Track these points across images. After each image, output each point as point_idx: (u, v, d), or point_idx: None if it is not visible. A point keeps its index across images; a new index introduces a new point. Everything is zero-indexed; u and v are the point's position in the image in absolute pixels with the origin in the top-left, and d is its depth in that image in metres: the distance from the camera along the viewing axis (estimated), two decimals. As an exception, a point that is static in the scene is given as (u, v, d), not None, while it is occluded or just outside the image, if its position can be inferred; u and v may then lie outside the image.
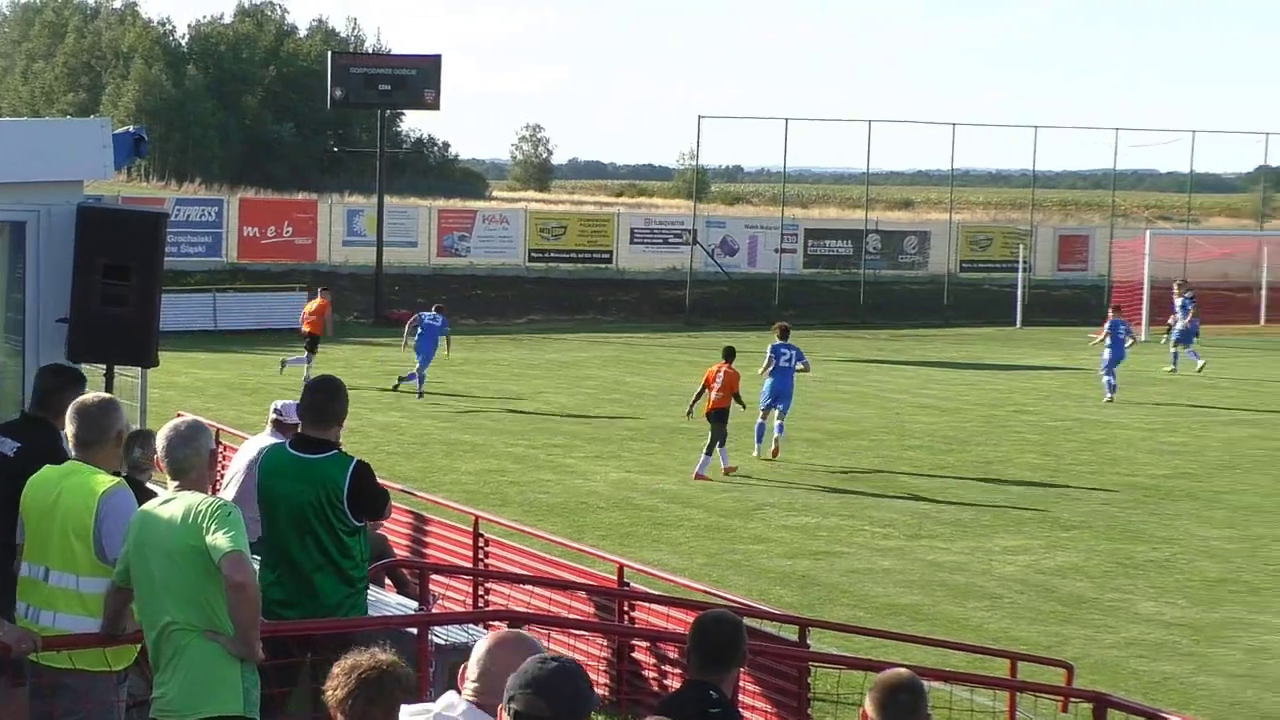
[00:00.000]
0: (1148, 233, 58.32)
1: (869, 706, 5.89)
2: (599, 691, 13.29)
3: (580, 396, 34.72)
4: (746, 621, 12.16)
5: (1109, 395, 35.21)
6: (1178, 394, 37.37)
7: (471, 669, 5.36)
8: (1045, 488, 24.91)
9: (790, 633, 13.03)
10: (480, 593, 15.08)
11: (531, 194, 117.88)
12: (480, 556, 15.90)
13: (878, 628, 15.88)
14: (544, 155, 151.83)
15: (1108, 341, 35.75)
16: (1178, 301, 43.74)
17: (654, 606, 13.58)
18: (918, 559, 20.01)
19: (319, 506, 9.22)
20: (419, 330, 34.49)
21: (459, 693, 5.37)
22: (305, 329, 36.50)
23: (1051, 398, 36.21)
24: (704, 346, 47.00)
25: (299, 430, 9.79)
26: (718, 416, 25.73)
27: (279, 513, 9.36)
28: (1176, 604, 18.07)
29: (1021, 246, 60.84)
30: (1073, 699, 12.42)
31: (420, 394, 33.47)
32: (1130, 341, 36.88)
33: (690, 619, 13.00)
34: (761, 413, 27.25)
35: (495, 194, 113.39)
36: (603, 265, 60.51)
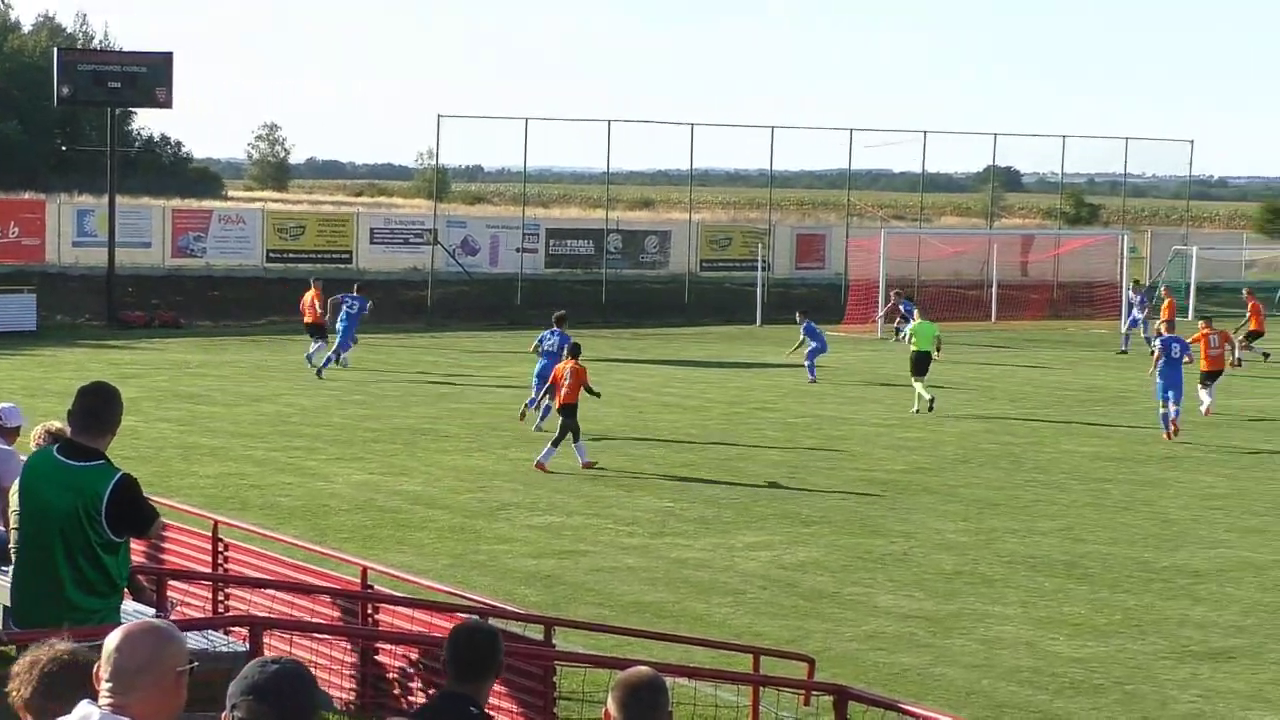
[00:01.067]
0: (883, 232, 59.42)
1: (611, 705, 5.86)
2: (343, 695, 13.13)
3: (321, 398, 34.29)
4: (492, 622, 12.11)
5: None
6: (911, 390, 38.06)
7: (104, 669, 5.10)
8: (786, 484, 25.20)
9: (535, 632, 12.98)
10: (220, 598, 14.77)
11: (269, 194, 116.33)
12: (220, 561, 15.59)
13: (623, 625, 15.91)
14: (281, 155, 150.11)
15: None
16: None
17: (398, 609, 13.43)
18: (662, 556, 20.10)
19: (76, 516, 8.92)
20: (343, 313, 39.13)
21: (94, 699, 5.12)
22: (306, 320, 40.22)
23: (791, 394, 36.68)
24: (446, 347, 46.84)
25: (68, 435, 9.46)
26: (566, 411, 26.53)
27: (37, 518, 9.06)
28: (914, 596, 18.39)
29: (760, 245, 61.60)
30: (814, 692, 12.54)
31: (322, 371, 37.90)
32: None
33: (435, 620, 12.94)
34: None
35: (231, 194, 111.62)
36: (343, 265, 59.88)
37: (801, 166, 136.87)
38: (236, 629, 11.15)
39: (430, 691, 12.72)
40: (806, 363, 39.78)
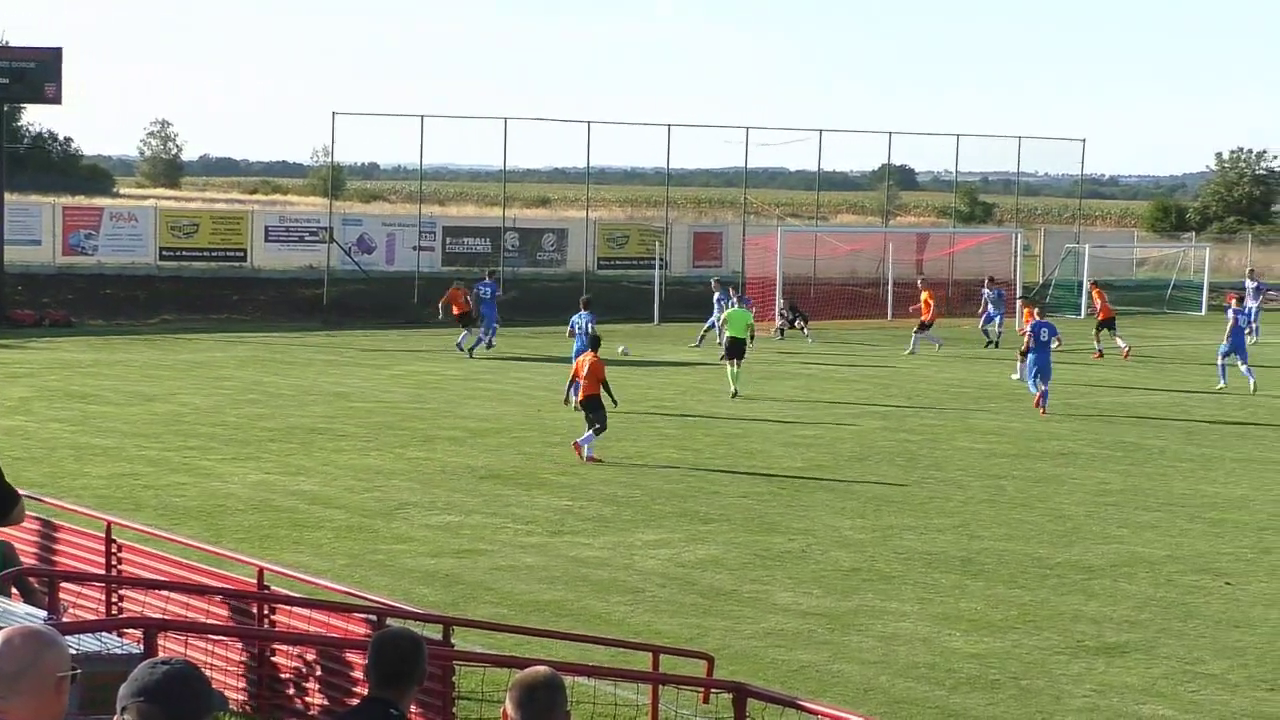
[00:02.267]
0: (779, 230, 59.60)
1: (508, 705, 5.87)
2: (238, 697, 13.01)
3: (216, 397, 33.99)
4: (389, 622, 12.03)
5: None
6: (810, 387, 38.30)
7: None
8: (684, 482, 25.24)
9: (434, 632, 12.90)
10: (114, 600, 14.59)
11: (162, 191, 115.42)
12: (113, 563, 15.40)
13: (521, 624, 15.87)
14: (174, 152, 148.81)
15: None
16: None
17: (294, 609, 13.31)
18: (560, 555, 20.06)
19: None
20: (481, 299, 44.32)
21: None
22: (455, 312, 45.45)
23: (689, 392, 36.74)
24: (343, 346, 46.57)
25: None
26: (588, 404, 27.26)
27: None
28: (812, 594, 18.45)
29: (657, 244, 61.71)
30: (713, 690, 12.56)
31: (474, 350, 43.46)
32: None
33: (332, 621, 12.85)
34: None
35: (123, 191, 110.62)
36: (237, 264, 59.48)
37: (698, 165, 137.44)
38: (130, 631, 11.01)
39: (328, 692, 12.64)
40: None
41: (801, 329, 51.30)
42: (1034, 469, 27.11)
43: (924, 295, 48.69)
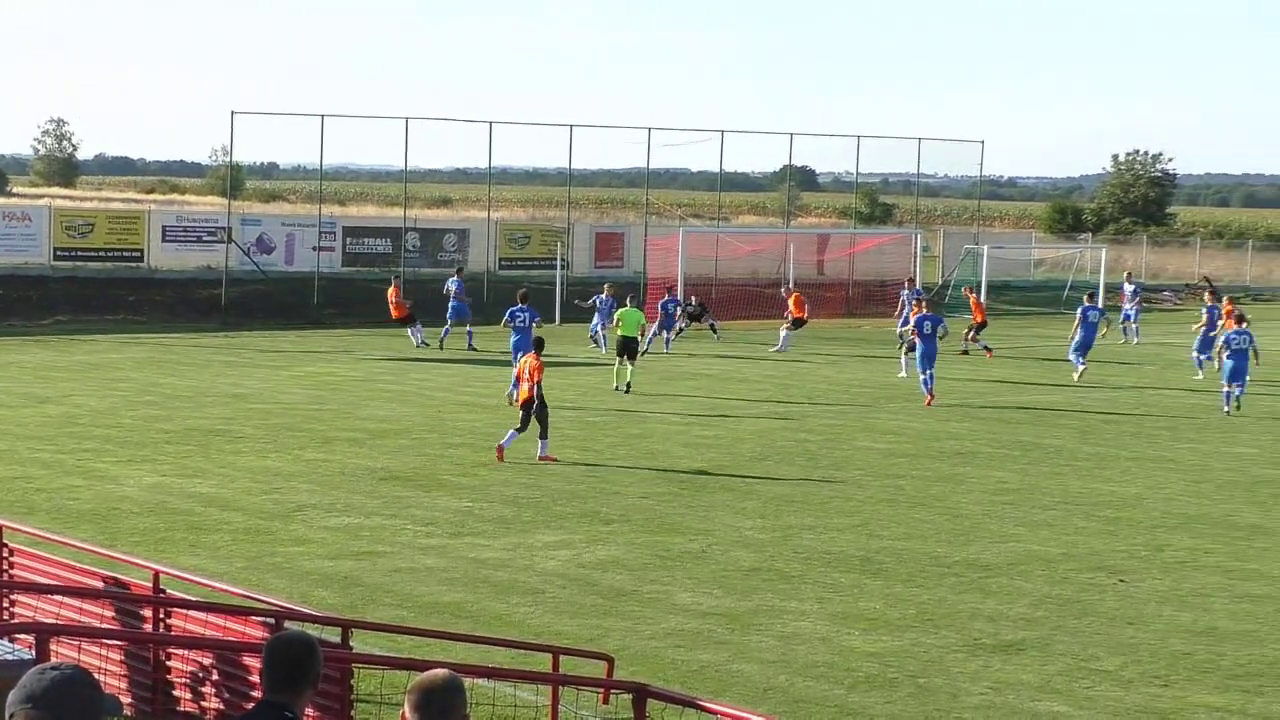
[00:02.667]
0: (681, 230, 59.69)
1: (406, 709, 5.85)
2: (133, 702, 12.87)
3: (112, 399, 33.65)
4: (287, 624, 11.96)
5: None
6: (712, 388, 38.38)
7: None
8: (585, 483, 25.23)
9: (332, 634, 12.82)
10: (5, 605, 14.40)
11: (56, 191, 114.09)
12: (4, 567, 15.21)
13: (421, 626, 15.80)
14: (69, 151, 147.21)
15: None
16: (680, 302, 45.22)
17: (191, 613, 13.19)
18: (461, 556, 20.00)
19: None
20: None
21: None
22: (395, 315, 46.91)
23: (590, 393, 36.72)
24: (241, 347, 46.22)
25: None
26: (526, 407, 27.35)
27: None
28: (713, 594, 18.48)
29: (559, 244, 61.62)
30: (613, 690, 12.55)
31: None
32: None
33: (230, 624, 12.74)
34: None
35: (16, 190, 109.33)
36: (134, 264, 58.87)
37: (600, 165, 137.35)
38: (22, 636, 10.88)
39: (225, 696, 12.53)
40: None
41: (711, 325, 51.52)
42: (932, 468, 27.29)
43: (791, 299, 49.46)
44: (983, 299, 51.40)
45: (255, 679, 11.72)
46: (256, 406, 33.02)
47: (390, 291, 48.09)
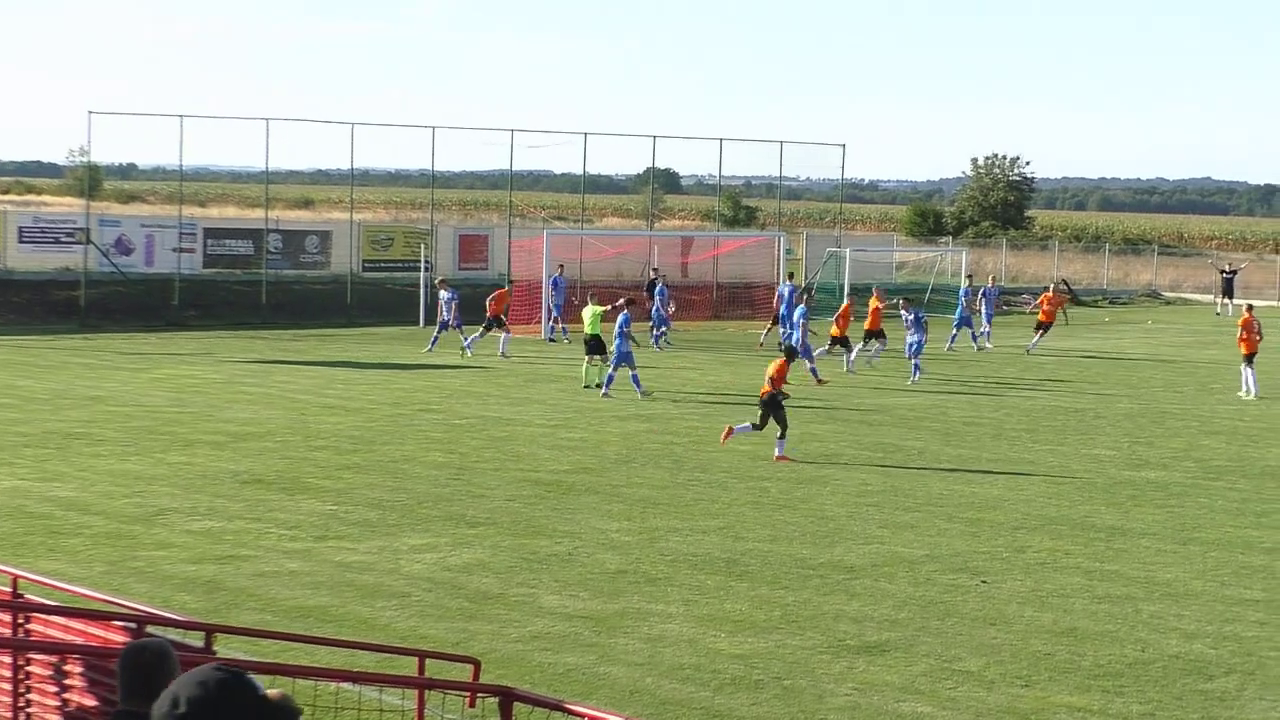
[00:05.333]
0: (545, 233, 59.63)
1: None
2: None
3: (-33, 402, 33.07)
4: (150, 629, 11.81)
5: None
6: (577, 390, 38.36)
7: None
8: (451, 485, 25.14)
9: (195, 639, 12.67)
10: None
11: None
12: None
13: (285, 631, 15.65)
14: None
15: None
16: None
17: (51, 618, 12.99)
18: (325, 560, 19.86)
19: None
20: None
21: None
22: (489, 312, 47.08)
23: (455, 396, 36.60)
24: (100, 349, 45.62)
25: None
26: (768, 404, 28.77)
27: None
28: (579, 596, 18.48)
29: (423, 246, 61.38)
30: (480, 694, 12.50)
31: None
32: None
33: (91, 630, 12.56)
34: None
35: None
36: (-11, 265, 57.92)
37: (463, 167, 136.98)
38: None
39: (86, 703, 12.36)
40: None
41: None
42: (797, 470, 27.45)
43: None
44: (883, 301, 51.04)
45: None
46: (116, 409, 32.60)
47: (498, 295, 48.22)
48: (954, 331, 53.07)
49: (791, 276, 54.17)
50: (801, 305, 41.87)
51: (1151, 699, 15.25)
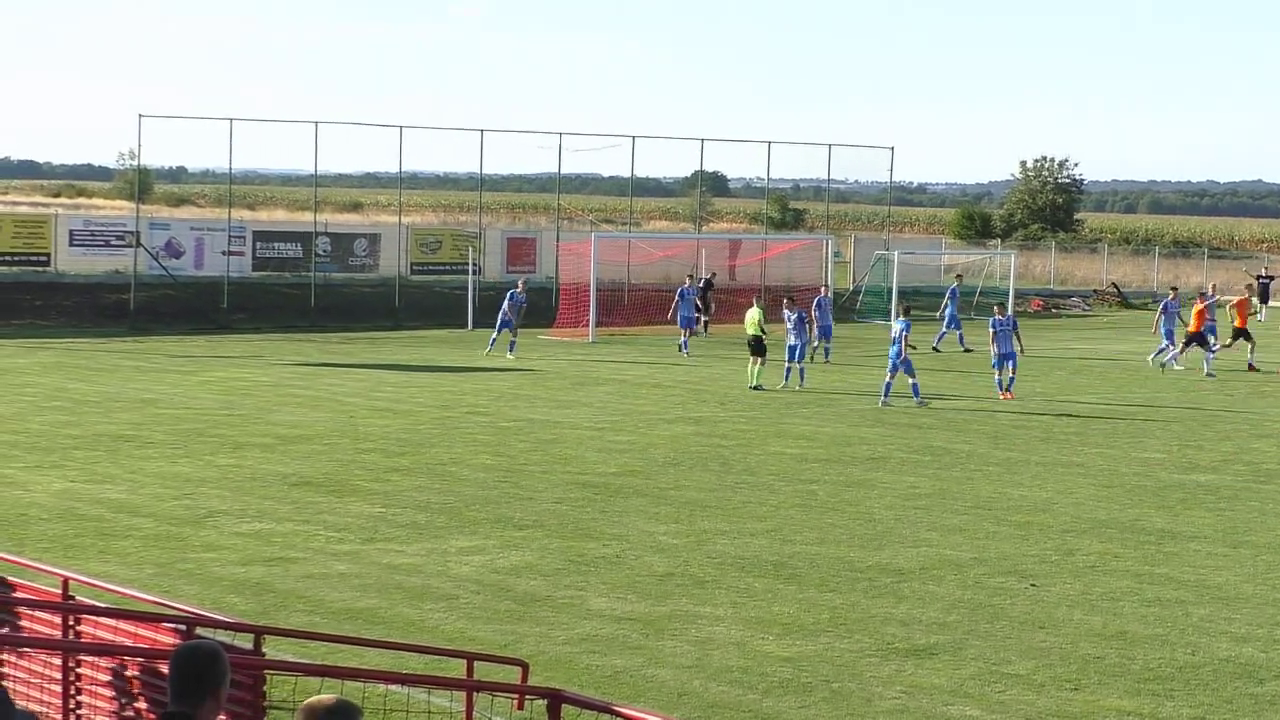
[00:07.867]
0: (593, 235, 59.69)
1: None
2: (44, 710, 12.73)
3: (19, 404, 33.29)
4: (199, 631, 11.86)
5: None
6: (624, 393, 38.38)
7: None
8: (499, 488, 25.16)
9: (245, 641, 12.72)
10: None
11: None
12: (-90, 575, 14.99)
13: (334, 633, 15.69)
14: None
15: None
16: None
17: (101, 620, 13.06)
18: (373, 562, 19.90)
19: None
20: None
21: None
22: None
23: (503, 398, 36.65)
24: (150, 352, 45.84)
25: None
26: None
27: None
28: (627, 599, 18.47)
29: (471, 249, 61.49)
30: (528, 696, 12.51)
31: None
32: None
33: (141, 631, 12.62)
34: None
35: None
36: (40, 268, 58.31)
37: (512, 170, 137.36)
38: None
39: (138, 705, 12.41)
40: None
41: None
42: (845, 473, 27.40)
43: None
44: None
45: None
46: (166, 412, 32.76)
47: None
48: (942, 331, 52.76)
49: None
50: (904, 318, 41.59)
51: (1201, 703, 15.16)
